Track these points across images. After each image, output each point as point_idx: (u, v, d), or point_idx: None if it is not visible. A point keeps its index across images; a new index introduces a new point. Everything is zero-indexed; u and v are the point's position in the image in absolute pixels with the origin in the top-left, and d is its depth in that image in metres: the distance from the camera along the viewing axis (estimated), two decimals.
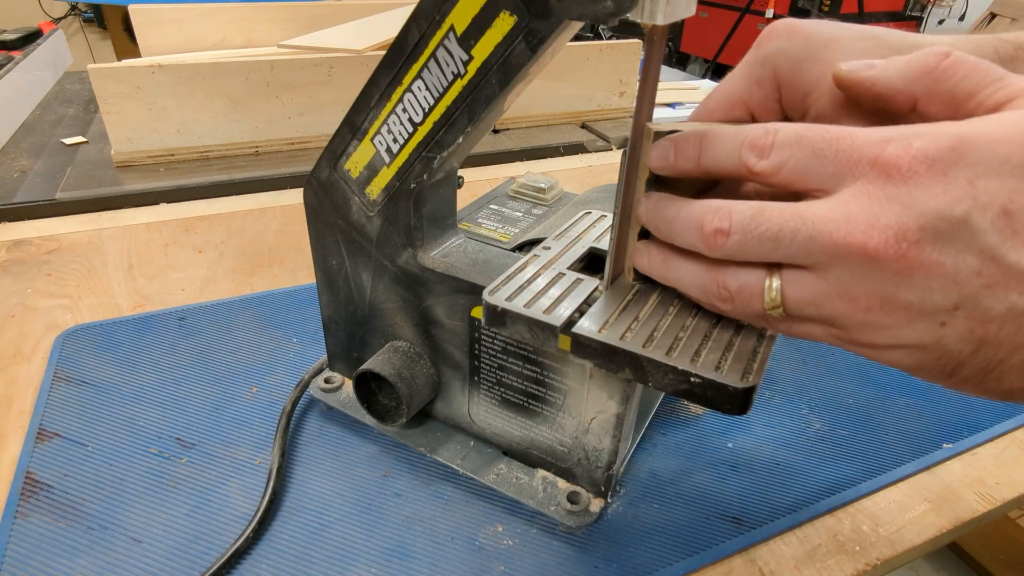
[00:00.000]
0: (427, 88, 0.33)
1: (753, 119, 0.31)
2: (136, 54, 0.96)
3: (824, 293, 0.23)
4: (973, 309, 0.21)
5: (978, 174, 0.21)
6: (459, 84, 0.32)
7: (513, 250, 0.48)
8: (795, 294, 0.24)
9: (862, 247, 0.22)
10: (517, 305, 0.32)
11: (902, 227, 0.21)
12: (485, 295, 0.32)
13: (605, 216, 0.42)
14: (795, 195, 0.25)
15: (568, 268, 0.35)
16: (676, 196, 0.28)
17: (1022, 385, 0.23)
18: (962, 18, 3.91)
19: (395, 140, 0.35)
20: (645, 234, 0.31)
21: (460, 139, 0.33)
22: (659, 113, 1.10)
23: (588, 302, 0.32)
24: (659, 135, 0.29)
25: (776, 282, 0.25)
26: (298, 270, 0.64)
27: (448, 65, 0.31)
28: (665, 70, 1.38)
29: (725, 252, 0.25)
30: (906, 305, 0.22)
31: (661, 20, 0.25)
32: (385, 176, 0.36)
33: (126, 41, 1.96)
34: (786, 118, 0.31)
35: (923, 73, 0.24)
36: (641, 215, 0.30)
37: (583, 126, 1.06)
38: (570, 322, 0.30)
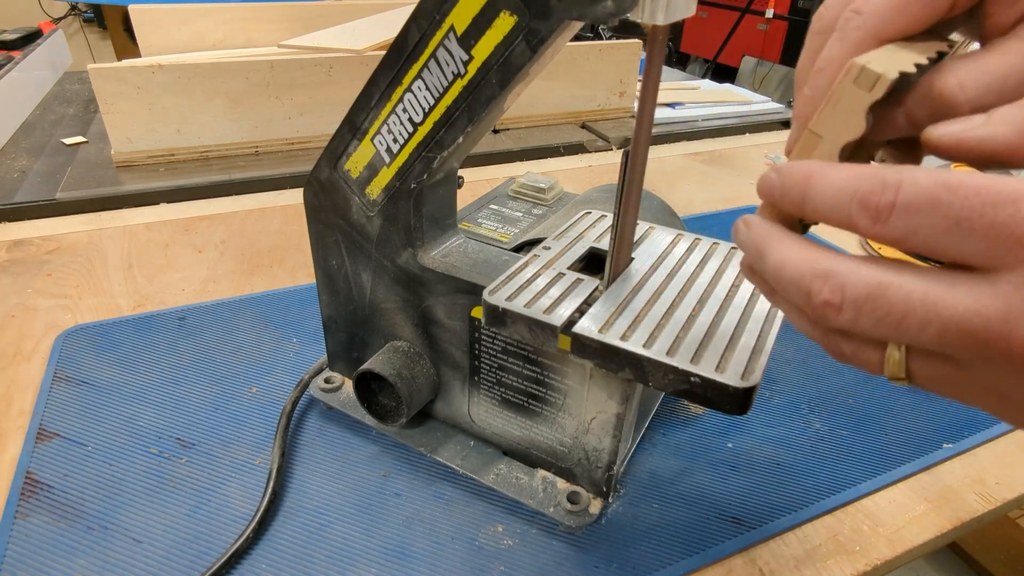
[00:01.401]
0: (427, 88, 0.33)
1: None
2: (136, 54, 0.96)
3: (963, 382, 0.20)
4: None
5: None
6: (459, 84, 0.32)
7: (513, 250, 0.48)
8: (924, 373, 0.20)
9: (1012, 347, 0.17)
10: (517, 305, 0.32)
11: None
12: (485, 295, 0.32)
13: (605, 216, 0.42)
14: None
15: (568, 268, 0.35)
16: (782, 230, 0.22)
17: None
18: None
19: (395, 140, 0.35)
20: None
21: (460, 139, 0.33)
22: (659, 113, 1.10)
23: (588, 302, 0.32)
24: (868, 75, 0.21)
25: (899, 355, 0.20)
26: (298, 270, 0.64)
27: (448, 65, 0.31)
28: (665, 70, 1.38)
29: (836, 326, 0.20)
30: None
31: (661, 20, 0.25)
32: (385, 176, 0.36)
33: (126, 41, 1.96)
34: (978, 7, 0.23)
35: None
36: (739, 242, 0.24)
37: (583, 126, 1.06)
38: (570, 322, 0.30)
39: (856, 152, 0.22)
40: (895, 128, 0.23)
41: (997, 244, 0.17)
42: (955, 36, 0.24)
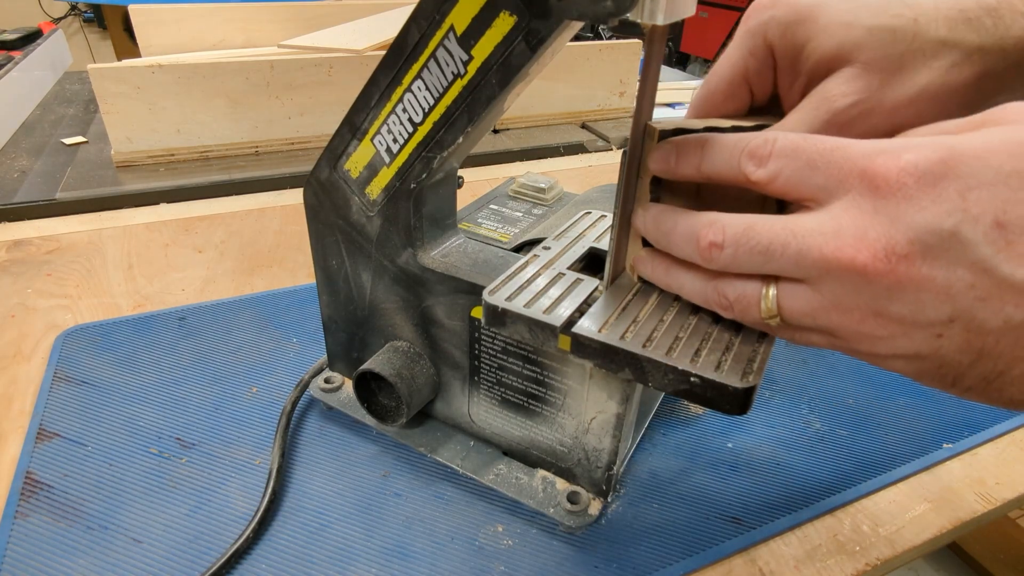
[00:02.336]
0: (427, 88, 0.33)
1: (752, 95, 0.32)
2: (136, 54, 0.96)
3: (819, 305, 0.24)
4: (969, 322, 0.21)
5: (969, 186, 0.21)
6: (459, 84, 0.32)
7: (513, 250, 0.48)
8: (791, 305, 0.24)
9: (850, 262, 0.22)
10: (517, 305, 0.32)
11: (891, 241, 0.21)
12: (485, 295, 0.32)
13: (605, 216, 0.42)
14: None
15: (568, 268, 0.35)
16: (674, 207, 0.29)
17: None
18: None
19: (395, 140, 0.35)
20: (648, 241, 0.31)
21: (460, 139, 0.33)
22: (659, 113, 1.10)
23: (588, 302, 0.32)
24: (663, 135, 0.29)
25: (772, 292, 0.25)
26: (298, 270, 0.64)
27: (448, 65, 0.31)
28: (665, 70, 1.38)
29: (720, 265, 0.26)
30: (899, 318, 0.22)
31: (661, 20, 0.25)
32: (385, 176, 0.36)
33: (126, 41, 1.96)
34: (774, 96, 0.32)
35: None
36: (639, 226, 0.30)
37: (583, 126, 1.06)
38: (570, 322, 0.30)
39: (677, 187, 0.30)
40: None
41: (831, 177, 0.23)
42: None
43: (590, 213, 0.42)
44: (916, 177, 0.21)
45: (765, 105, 0.33)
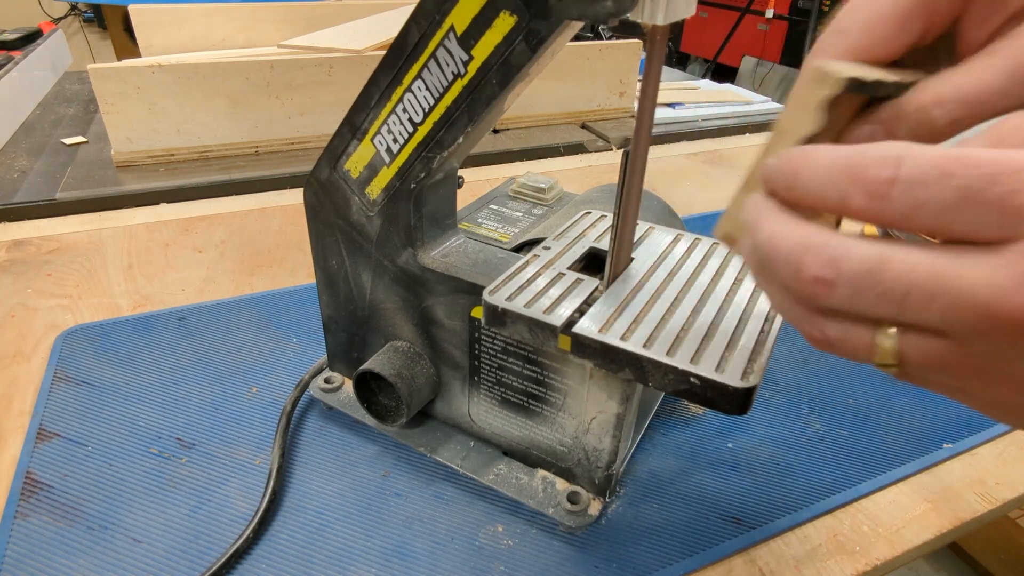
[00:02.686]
0: (427, 88, 0.33)
1: (927, 28, 0.22)
2: (136, 54, 0.96)
3: (958, 365, 0.18)
4: None
5: None
6: (459, 84, 0.32)
7: (513, 250, 0.48)
8: (919, 357, 0.19)
9: (1013, 314, 0.16)
10: (517, 305, 0.32)
11: None
12: (485, 295, 0.32)
13: (605, 216, 0.42)
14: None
15: (568, 268, 0.35)
16: (782, 208, 0.21)
17: None
18: None
19: (395, 140, 0.35)
20: None
21: (460, 139, 0.33)
22: (659, 113, 1.10)
23: (588, 302, 0.32)
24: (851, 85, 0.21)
25: (891, 341, 0.19)
26: (298, 270, 0.64)
27: (448, 65, 0.31)
28: (665, 70, 1.38)
29: (828, 305, 0.19)
30: None
31: (661, 20, 0.25)
32: (385, 176, 0.36)
33: (126, 41, 1.96)
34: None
35: None
36: (724, 225, 0.24)
37: (583, 126, 1.06)
38: (570, 322, 0.30)
39: None
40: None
41: (1009, 215, 0.16)
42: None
43: (590, 213, 0.42)
44: None
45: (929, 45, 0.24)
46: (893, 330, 0.19)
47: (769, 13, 3.24)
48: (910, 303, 0.18)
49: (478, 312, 0.37)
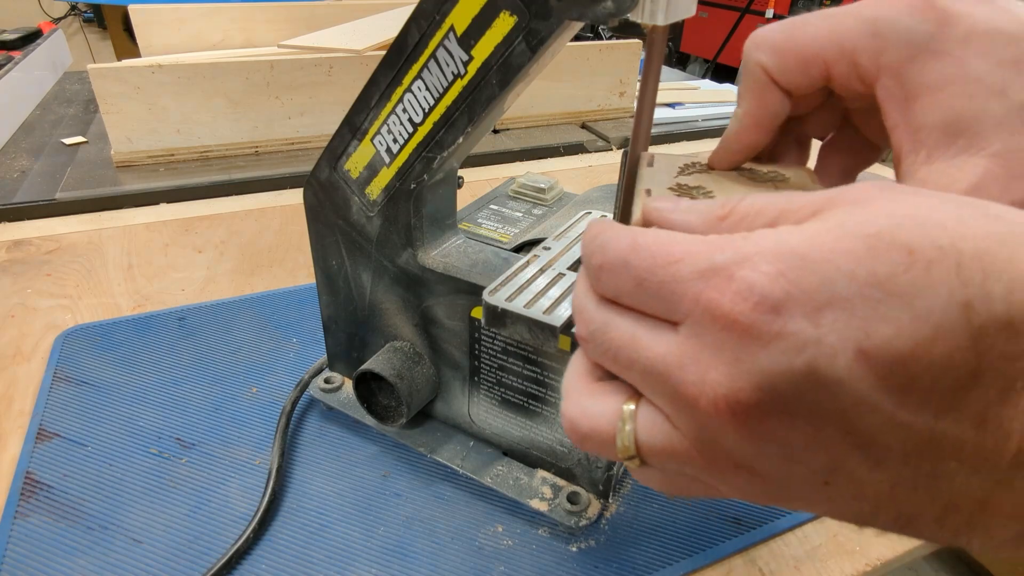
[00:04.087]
0: (427, 88, 0.33)
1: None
2: (136, 54, 0.96)
3: (680, 447, 0.19)
4: (852, 472, 0.17)
5: (819, 305, 0.16)
6: (459, 84, 0.32)
7: (513, 250, 0.48)
8: (649, 440, 0.19)
9: (695, 403, 0.17)
10: (517, 305, 0.32)
11: (733, 388, 0.17)
12: (485, 295, 0.32)
13: (605, 216, 0.42)
14: None
15: (568, 268, 0.35)
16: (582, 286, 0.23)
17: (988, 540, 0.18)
18: None
19: (395, 140, 0.35)
20: None
21: (460, 139, 0.33)
22: (659, 113, 1.10)
23: None
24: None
25: (628, 428, 0.20)
26: (298, 270, 0.64)
27: (448, 65, 0.31)
28: (665, 70, 1.38)
29: (594, 358, 0.21)
30: (772, 470, 0.18)
31: (661, 20, 0.25)
32: (385, 176, 0.36)
33: (126, 41, 1.96)
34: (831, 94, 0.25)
35: (717, 221, 0.20)
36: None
37: (583, 126, 1.06)
38: (570, 322, 0.30)
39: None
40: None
41: (665, 301, 0.18)
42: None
43: (590, 213, 0.42)
44: (753, 303, 0.16)
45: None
46: (631, 406, 0.20)
47: (769, 13, 3.24)
48: (622, 362, 0.19)
49: (478, 312, 0.37)
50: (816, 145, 0.29)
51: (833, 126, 0.28)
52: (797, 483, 0.18)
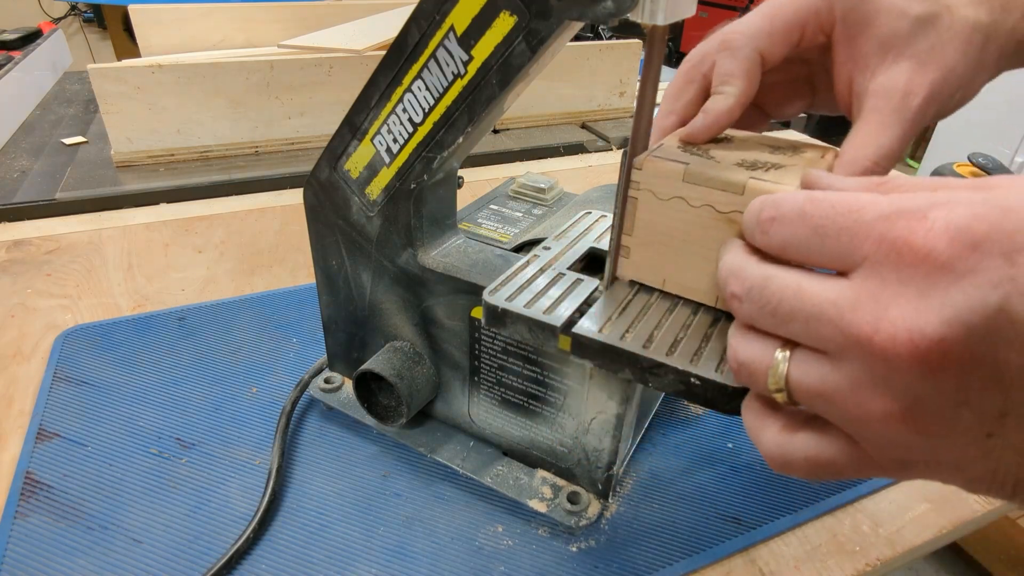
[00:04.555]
0: (427, 88, 0.33)
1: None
2: (136, 54, 0.96)
3: (836, 387, 0.19)
4: (1018, 429, 0.17)
5: (1017, 247, 0.16)
6: (459, 84, 0.32)
7: (513, 250, 0.48)
8: (802, 379, 0.20)
9: (868, 341, 0.18)
10: (517, 305, 0.32)
11: (918, 322, 0.17)
12: (485, 295, 0.32)
13: (605, 216, 0.42)
14: None
15: (568, 268, 0.35)
16: (738, 242, 0.25)
17: None
18: None
19: (395, 140, 0.35)
20: None
21: (460, 139, 0.33)
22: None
23: (588, 302, 0.32)
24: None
25: (782, 363, 0.21)
26: (298, 270, 0.64)
27: (448, 65, 0.31)
28: (665, 70, 1.38)
29: (745, 318, 0.22)
30: (936, 414, 0.18)
31: (661, 20, 0.25)
32: (385, 176, 0.36)
33: (126, 41, 1.96)
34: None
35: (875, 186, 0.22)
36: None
37: (583, 126, 1.06)
38: (570, 322, 0.30)
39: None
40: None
41: (845, 245, 0.19)
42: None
43: (590, 213, 0.42)
44: (949, 238, 0.17)
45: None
46: (785, 352, 0.21)
47: None
48: (782, 314, 0.21)
49: (478, 312, 0.37)
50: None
51: (788, 99, 0.36)
52: (958, 433, 0.18)
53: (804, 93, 0.36)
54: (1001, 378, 0.17)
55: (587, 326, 0.30)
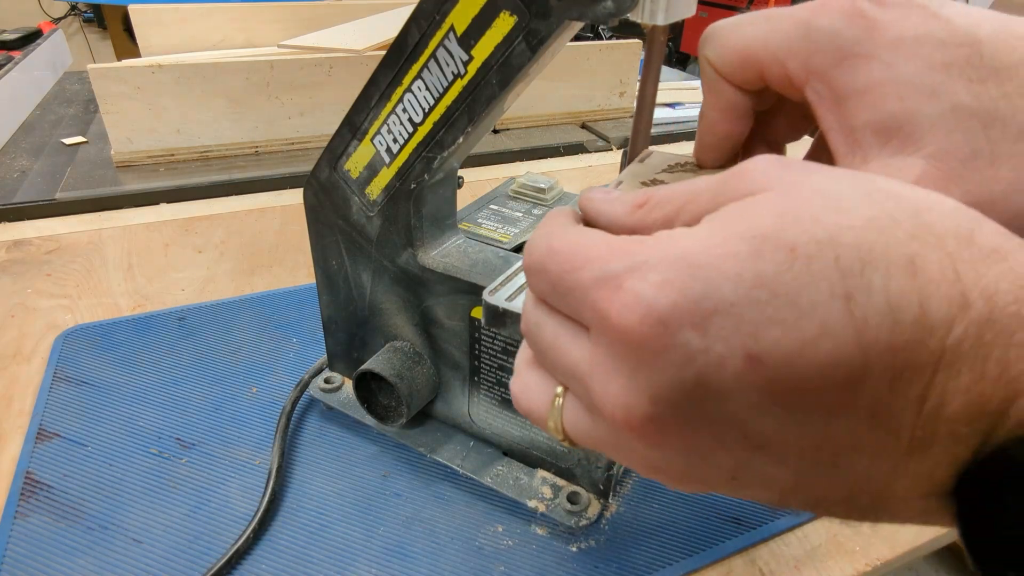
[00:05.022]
0: (427, 88, 0.33)
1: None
2: (136, 54, 0.96)
3: (600, 439, 0.19)
4: (756, 470, 0.17)
5: (705, 314, 0.15)
6: (459, 84, 0.32)
7: (513, 250, 0.48)
8: (573, 428, 0.20)
9: (602, 411, 0.18)
10: (517, 305, 0.31)
11: (629, 398, 0.17)
12: (485, 295, 0.32)
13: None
14: None
15: None
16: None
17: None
18: None
19: (395, 140, 0.35)
20: None
21: (460, 139, 0.33)
22: (659, 113, 1.10)
23: None
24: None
25: (556, 413, 0.21)
26: (298, 270, 0.64)
27: (448, 65, 0.31)
28: (665, 70, 1.38)
29: (534, 349, 0.22)
30: (683, 472, 0.18)
31: (661, 20, 0.25)
32: (385, 176, 0.36)
33: (126, 41, 1.96)
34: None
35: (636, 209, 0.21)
36: None
37: (583, 126, 1.06)
38: None
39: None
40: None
41: (575, 308, 0.18)
42: None
43: None
44: (640, 316, 0.16)
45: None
46: (560, 391, 0.20)
47: None
48: (548, 365, 0.20)
49: (478, 312, 0.37)
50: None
51: (801, 128, 0.28)
52: (708, 478, 0.18)
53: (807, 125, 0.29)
54: (719, 440, 0.17)
55: None
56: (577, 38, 1.19)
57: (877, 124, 0.21)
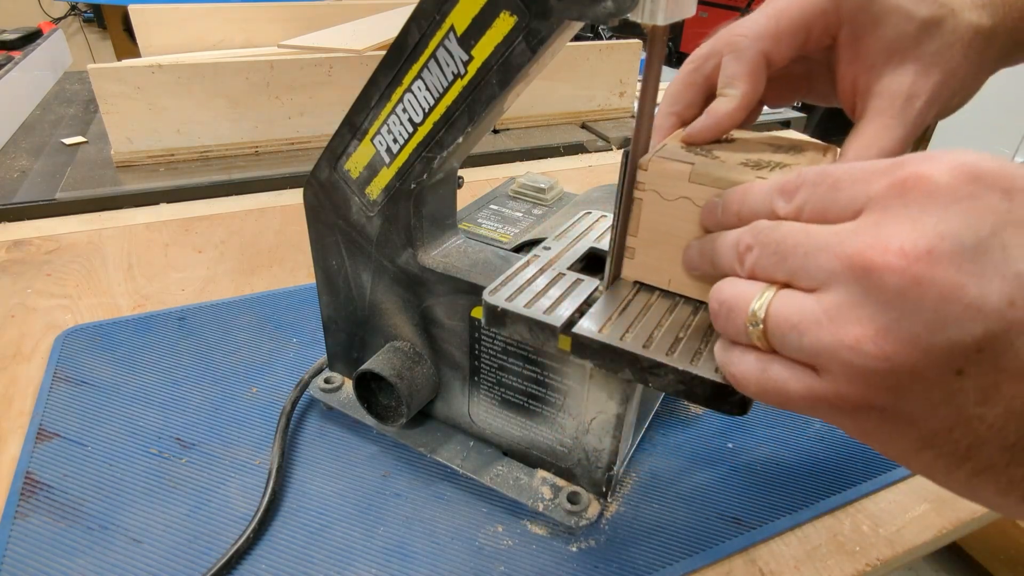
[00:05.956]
0: (427, 88, 0.33)
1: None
2: (136, 54, 0.96)
3: (813, 317, 0.20)
4: (1003, 353, 0.17)
5: (1013, 187, 0.17)
6: (459, 84, 0.32)
7: (513, 250, 0.48)
8: (781, 309, 0.21)
9: (859, 257, 0.19)
10: (517, 305, 0.32)
11: (912, 234, 0.18)
12: (485, 295, 0.32)
13: (605, 216, 0.42)
14: None
15: (568, 268, 0.35)
16: (713, 234, 0.28)
17: None
18: None
19: (395, 140, 0.35)
20: None
21: (460, 139, 0.33)
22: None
23: (588, 302, 0.32)
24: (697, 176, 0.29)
25: (768, 294, 0.22)
26: (298, 270, 0.64)
27: (448, 65, 0.31)
28: (665, 70, 1.38)
29: (748, 267, 0.24)
30: (908, 335, 0.18)
31: (662, 20, 0.25)
32: (385, 176, 0.36)
33: (126, 41, 1.96)
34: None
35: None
36: (688, 264, 0.30)
37: (583, 126, 1.06)
38: (570, 322, 0.30)
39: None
40: None
41: (858, 191, 0.21)
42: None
43: (590, 213, 0.42)
44: (952, 170, 0.18)
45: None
46: (772, 288, 0.22)
47: None
48: (785, 252, 0.22)
49: (478, 312, 0.37)
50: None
51: (786, 98, 0.37)
52: (927, 361, 0.18)
53: (800, 88, 0.36)
54: (982, 307, 0.17)
55: (587, 326, 0.30)
56: (577, 38, 1.19)
57: (883, 48, 0.30)
